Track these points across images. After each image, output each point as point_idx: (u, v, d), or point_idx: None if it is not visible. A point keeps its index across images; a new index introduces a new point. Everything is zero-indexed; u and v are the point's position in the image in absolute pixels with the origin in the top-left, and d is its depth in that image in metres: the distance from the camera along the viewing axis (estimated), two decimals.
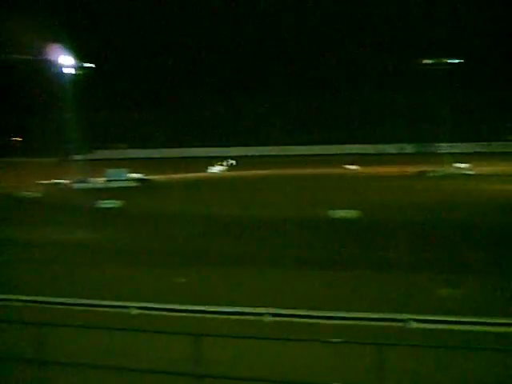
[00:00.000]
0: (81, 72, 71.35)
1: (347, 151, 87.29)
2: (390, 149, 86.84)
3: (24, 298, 15.97)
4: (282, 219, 32.63)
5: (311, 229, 29.60)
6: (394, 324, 13.30)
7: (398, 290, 16.21)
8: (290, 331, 12.84)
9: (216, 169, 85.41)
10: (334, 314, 13.81)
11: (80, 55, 72.72)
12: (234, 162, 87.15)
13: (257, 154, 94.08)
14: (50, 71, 73.99)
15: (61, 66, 71.80)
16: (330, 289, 16.22)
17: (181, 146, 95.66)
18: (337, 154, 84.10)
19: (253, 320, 13.87)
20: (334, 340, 8.29)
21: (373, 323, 13.33)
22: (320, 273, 18.72)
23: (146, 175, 72.01)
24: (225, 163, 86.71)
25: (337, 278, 17.68)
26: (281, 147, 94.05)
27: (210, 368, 7.56)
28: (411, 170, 61.18)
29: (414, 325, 13.16)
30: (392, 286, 17.01)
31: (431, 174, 58.04)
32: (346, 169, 71.39)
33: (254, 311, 14.06)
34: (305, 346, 10.36)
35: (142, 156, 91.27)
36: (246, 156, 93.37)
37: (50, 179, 59.43)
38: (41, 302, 15.68)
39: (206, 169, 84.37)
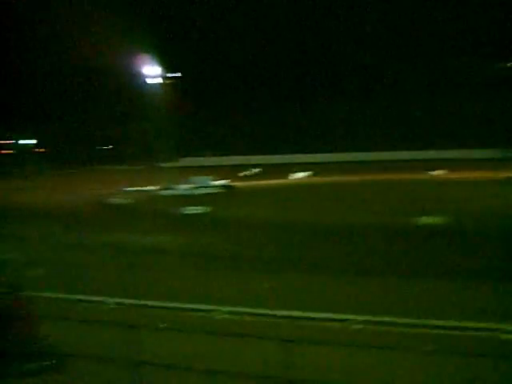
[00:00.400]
0: (167, 81, 73.23)
1: (431, 157, 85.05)
2: (476, 154, 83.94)
3: (115, 300, 16.47)
4: (364, 226, 32.18)
5: (395, 236, 28.97)
6: (485, 334, 12.78)
7: (491, 300, 15.56)
8: (378, 339, 12.60)
9: (298, 175, 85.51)
10: (421, 322, 13.44)
11: (166, 65, 74.65)
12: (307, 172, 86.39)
13: (338, 160, 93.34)
14: (138, 81, 76.50)
15: (148, 76, 74.11)
16: (417, 297, 15.77)
17: (263, 153, 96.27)
18: (421, 160, 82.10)
19: (340, 327, 13.71)
20: (424, 349, 8.04)
21: (465, 333, 12.87)
22: (405, 281, 18.22)
23: (230, 182, 73.05)
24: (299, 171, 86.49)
25: (422, 286, 17.14)
26: (363, 153, 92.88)
27: (300, 373, 7.50)
28: (498, 175, 58.93)
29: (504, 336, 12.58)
30: (484, 295, 16.34)
31: None
32: (431, 175, 69.68)
33: (342, 317, 13.90)
34: (391, 354, 10.11)
35: (227, 163, 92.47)
36: (328, 162, 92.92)
37: (137, 186, 61.23)
38: (130, 305, 16.12)
39: (288, 175, 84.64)
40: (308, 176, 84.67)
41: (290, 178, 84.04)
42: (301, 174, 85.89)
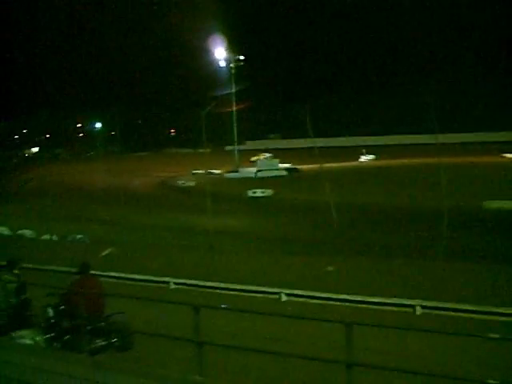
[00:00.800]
0: (233, 64, 73.47)
1: (506, 139, 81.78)
2: None
3: (181, 281, 16.80)
4: (432, 210, 31.54)
5: (464, 220, 28.25)
6: None
7: None
8: (441, 324, 12.41)
9: (366, 158, 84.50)
10: (487, 309, 13.06)
11: (232, 48, 74.76)
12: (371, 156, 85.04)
13: (408, 142, 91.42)
14: (207, 65, 77.03)
15: (215, 60, 74.59)
16: (485, 281, 15.28)
17: (331, 135, 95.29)
18: (494, 142, 79.19)
19: (404, 311, 13.55)
20: (492, 335, 7.81)
21: None
22: (468, 265, 17.69)
23: (297, 165, 72.86)
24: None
25: (490, 271, 16.56)
26: (433, 135, 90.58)
27: (362, 356, 7.47)
28: None
29: None
30: None
31: None
32: (504, 157, 67.35)
33: (406, 302, 13.70)
34: (456, 340, 9.90)
35: (293, 146, 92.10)
36: (397, 145, 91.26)
37: (203, 169, 61.99)
38: (196, 286, 16.41)
39: (356, 158, 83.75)
40: (374, 159, 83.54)
41: (357, 160, 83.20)
42: (367, 157, 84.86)
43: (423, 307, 13.50)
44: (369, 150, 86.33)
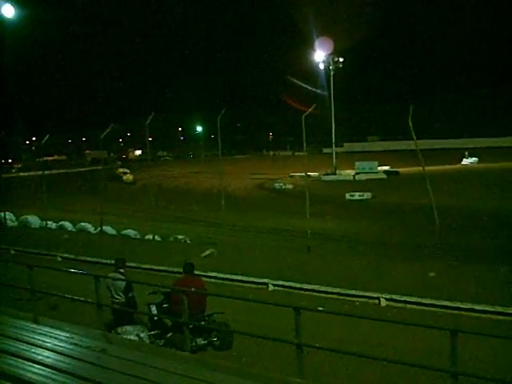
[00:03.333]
0: (333, 66, 73.08)
1: None
2: None
3: (280, 282, 16.86)
4: None
5: None
6: None
7: None
8: None
9: (469, 160, 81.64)
10: None
11: (332, 50, 74.33)
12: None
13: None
14: (305, 67, 77.11)
15: (315, 62, 74.51)
16: None
17: (433, 137, 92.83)
18: None
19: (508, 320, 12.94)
20: None
21: None
22: None
23: (396, 167, 71.46)
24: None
25: None
26: None
27: (467, 365, 7.21)
28: None
29: None
30: None
31: None
32: None
33: (509, 311, 13.05)
34: None
35: (392, 148, 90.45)
36: (501, 147, 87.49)
37: (301, 171, 62.02)
38: (295, 288, 16.42)
39: (460, 161, 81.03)
40: (477, 161, 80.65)
41: (459, 163, 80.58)
42: (470, 160, 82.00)
43: None
44: (471, 152, 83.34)
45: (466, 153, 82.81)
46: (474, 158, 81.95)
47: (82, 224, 31.27)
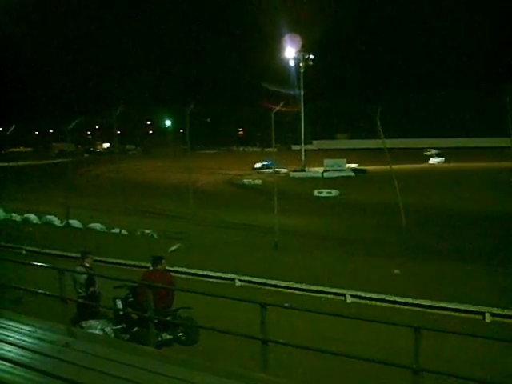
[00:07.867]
0: (303, 63, 73.32)
1: None
2: None
3: (247, 278, 16.90)
4: (498, 214, 30.61)
5: None
6: None
7: None
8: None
9: (436, 160, 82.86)
10: None
11: (302, 47, 74.55)
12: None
13: (479, 145, 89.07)
14: (277, 63, 77.20)
15: (285, 59, 74.63)
16: None
17: (402, 136, 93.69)
18: None
19: (473, 318, 13.18)
20: None
21: None
22: None
23: (365, 165, 72.07)
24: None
25: None
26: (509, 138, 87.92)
27: (429, 362, 7.31)
28: None
29: None
30: None
31: None
32: None
33: (473, 309, 13.29)
34: None
35: (361, 146, 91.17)
36: (467, 147, 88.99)
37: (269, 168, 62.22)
38: (261, 284, 16.47)
39: (427, 160, 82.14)
40: (444, 161, 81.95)
41: (426, 162, 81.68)
42: (437, 159, 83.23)
43: (492, 315, 13.09)
44: (438, 152, 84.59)
45: (433, 152, 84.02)
46: (440, 158, 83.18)
47: (48, 217, 30.80)
